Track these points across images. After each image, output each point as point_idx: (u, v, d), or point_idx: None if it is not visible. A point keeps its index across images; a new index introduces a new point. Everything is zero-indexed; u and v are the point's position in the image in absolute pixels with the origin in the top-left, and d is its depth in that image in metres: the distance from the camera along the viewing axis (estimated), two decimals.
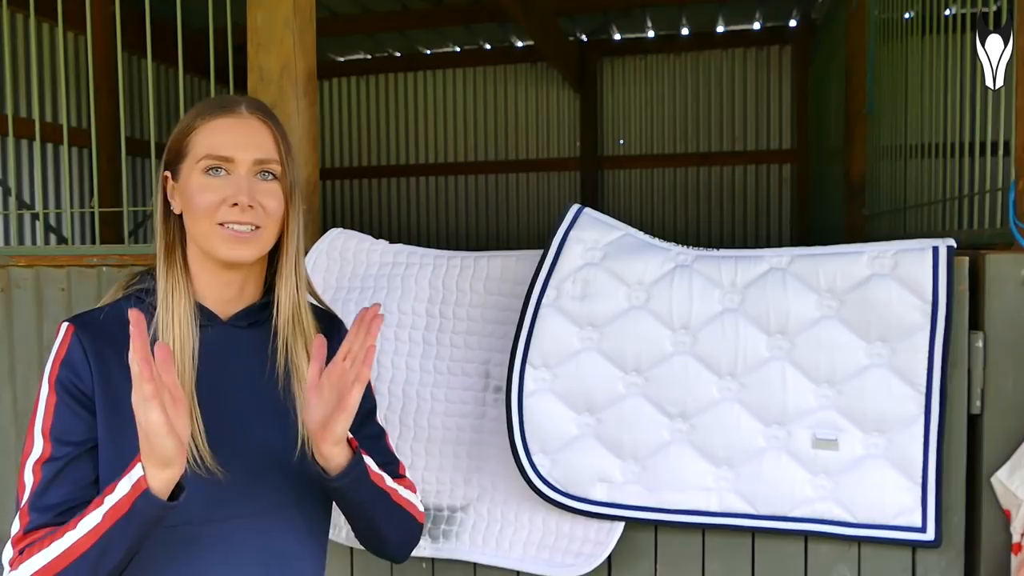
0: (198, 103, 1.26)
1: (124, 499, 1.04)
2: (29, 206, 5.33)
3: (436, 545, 1.64)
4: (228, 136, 1.20)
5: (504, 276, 1.70)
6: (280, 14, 1.99)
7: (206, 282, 1.24)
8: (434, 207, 8.31)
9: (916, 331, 1.46)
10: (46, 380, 1.18)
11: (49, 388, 1.17)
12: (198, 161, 1.20)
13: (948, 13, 2.68)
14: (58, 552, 1.06)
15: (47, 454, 1.14)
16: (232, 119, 1.22)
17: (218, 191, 1.19)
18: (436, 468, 1.66)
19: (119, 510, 1.04)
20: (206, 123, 1.21)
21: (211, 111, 1.22)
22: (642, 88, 7.74)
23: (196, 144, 1.21)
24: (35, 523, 1.12)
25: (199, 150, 1.20)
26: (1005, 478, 1.48)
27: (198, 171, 1.20)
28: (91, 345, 1.18)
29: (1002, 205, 1.83)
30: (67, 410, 1.16)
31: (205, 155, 1.20)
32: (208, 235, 1.19)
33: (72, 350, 1.17)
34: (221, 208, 1.18)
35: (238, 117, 1.22)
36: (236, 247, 1.19)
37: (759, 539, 1.59)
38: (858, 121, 4.19)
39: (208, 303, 1.25)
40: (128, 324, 1.02)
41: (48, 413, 1.16)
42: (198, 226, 1.20)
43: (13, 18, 4.92)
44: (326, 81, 8.37)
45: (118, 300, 1.25)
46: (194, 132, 1.21)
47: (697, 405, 1.53)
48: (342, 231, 1.85)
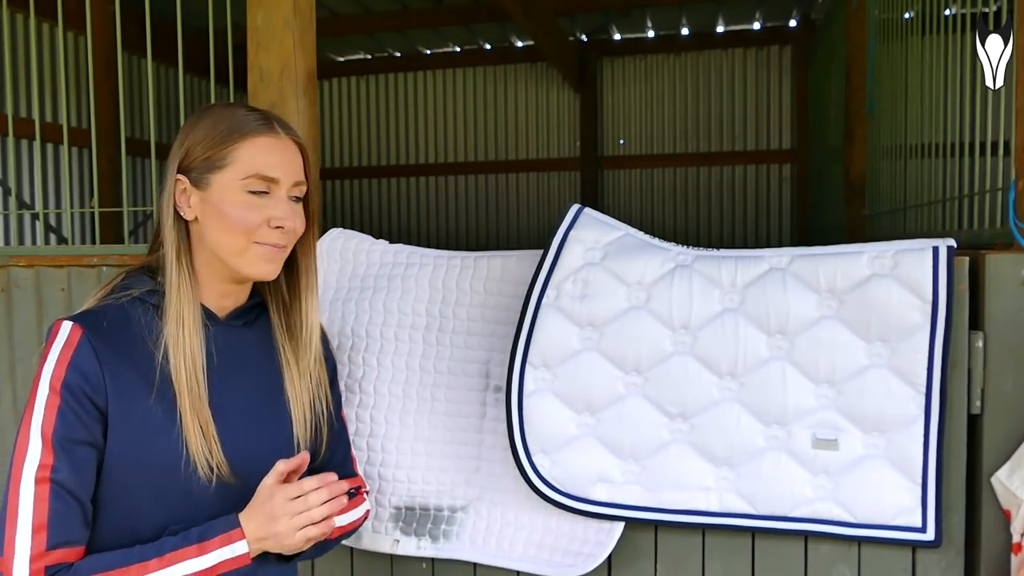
0: (222, 111, 1.22)
1: (222, 564, 1.12)
2: (29, 206, 5.33)
3: (436, 545, 1.64)
4: (275, 157, 1.21)
5: (504, 276, 1.70)
6: (280, 14, 1.98)
7: (211, 289, 1.25)
8: (434, 207, 8.32)
9: (916, 331, 1.46)
10: (46, 380, 1.12)
11: (50, 390, 1.11)
12: (244, 178, 1.19)
13: (948, 13, 2.69)
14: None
15: (50, 461, 1.09)
16: (274, 139, 1.22)
17: (261, 211, 1.20)
18: (436, 468, 1.66)
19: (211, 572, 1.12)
20: (249, 139, 1.20)
21: (253, 128, 1.21)
22: (642, 88, 7.74)
23: (240, 159, 1.19)
24: (58, 539, 1.08)
25: (245, 167, 1.19)
26: (1005, 478, 1.48)
27: (240, 188, 1.19)
28: (104, 353, 1.14)
29: (1002, 205, 1.83)
30: (73, 415, 1.11)
31: (254, 174, 1.19)
32: (242, 251, 1.20)
33: (83, 356, 1.13)
34: (263, 229, 1.19)
35: (278, 137, 1.22)
36: (267, 266, 1.22)
37: (759, 539, 1.59)
38: (858, 121, 4.19)
39: (207, 304, 1.26)
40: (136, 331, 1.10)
41: (50, 415, 1.11)
42: (231, 241, 1.19)
43: (13, 18, 4.92)
44: (326, 81, 8.37)
45: (120, 302, 1.20)
46: (235, 146, 1.20)
47: (697, 405, 1.53)
48: (342, 231, 1.86)
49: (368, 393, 1.68)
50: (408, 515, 1.66)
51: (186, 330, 1.17)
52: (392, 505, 1.66)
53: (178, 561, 1.10)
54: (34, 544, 1.06)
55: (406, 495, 1.66)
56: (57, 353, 1.13)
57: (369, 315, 1.71)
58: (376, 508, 1.67)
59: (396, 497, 1.66)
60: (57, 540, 1.08)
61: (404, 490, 1.66)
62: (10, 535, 1.07)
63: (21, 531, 1.07)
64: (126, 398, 1.15)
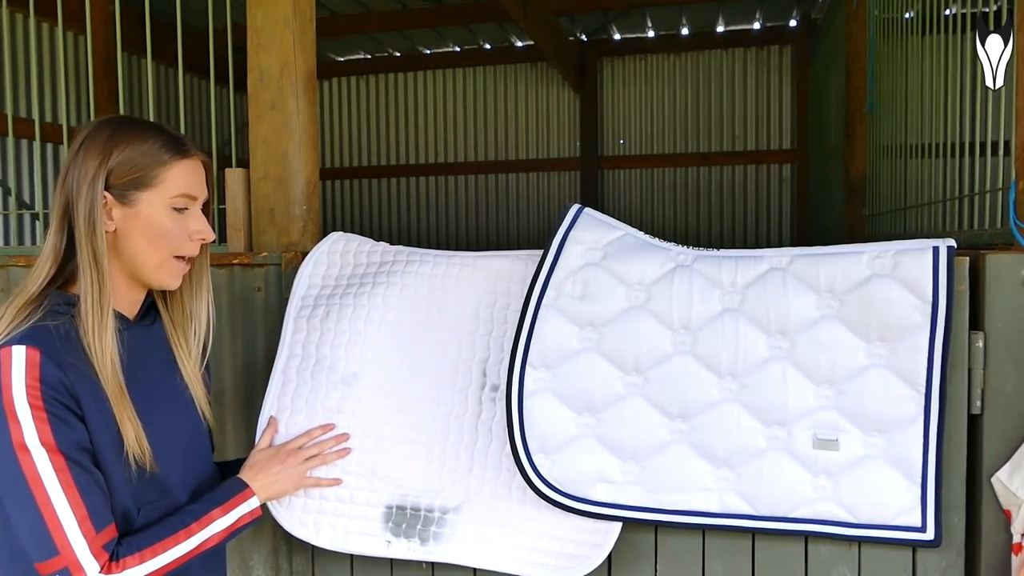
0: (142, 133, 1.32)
1: (242, 519, 1.41)
2: (29, 206, 5.33)
3: (426, 548, 1.62)
4: (196, 177, 1.36)
5: (504, 276, 1.70)
6: (280, 14, 1.98)
7: (122, 296, 1.36)
8: (434, 207, 8.31)
9: (916, 331, 1.46)
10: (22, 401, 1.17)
11: (31, 407, 1.17)
12: (172, 197, 1.32)
13: (948, 13, 2.69)
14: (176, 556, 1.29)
15: (63, 463, 1.19)
16: (194, 162, 1.36)
17: (183, 226, 1.34)
18: (428, 468, 1.65)
19: (234, 527, 1.40)
20: (177, 162, 1.33)
21: (179, 151, 1.33)
22: (642, 88, 7.74)
23: (169, 180, 1.31)
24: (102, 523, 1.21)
25: (173, 187, 1.32)
26: (1005, 478, 1.48)
27: (167, 205, 1.32)
28: (66, 368, 1.22)
29: (1002, 205, 1.83)
30: (62, 422, 1.20)
31: (181, 193, 1.33)
32: (162, 265, 1.33)
33: (51, 374, 1.20)
34: (185, 243, 1.34)
35: (196, 160, 1.37)
36: (176, 280, 1.37)
37: (759, 540, 1.59)
38: (858, 121, 4.19)
39: (119, 308, 1.36)
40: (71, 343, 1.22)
41: (42, 427, 1.18)
42: (154, 254, 1.32)
43: (13, 18, 4.92)
44: (326, 81, 8.36)
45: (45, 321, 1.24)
46: (164, 168, 1.31)
47: (697, 405, 1.53)
48: (343, 234, 1.85)
49: (363, 388, 1.67)
50: (398, 515, 1.65)
51: (104, 333, 1.26)
52: (383, 504, 1.65)
53: (211, 521, 1.36)
54: (85, 533, 1.19)
55: (397, 494, 1.65)
56: (23, 374, 1.19)
57: (367, 310, 1.70)
58: (367, 508, 1.66)
59: (387, 496, 1.65)
60: (101, 524, 1.21)
61: (395, 489, 1.65)
62: (59, 535, 1.18)
63: (69, 528, 1.18)
64: (90, 403, 1.24)
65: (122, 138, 1.30)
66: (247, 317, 1.94)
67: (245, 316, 1.94)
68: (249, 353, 1.93)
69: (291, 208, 2.01)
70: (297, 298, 1.78)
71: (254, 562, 1.90)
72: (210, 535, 1.35)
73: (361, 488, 1.65)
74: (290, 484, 1.56)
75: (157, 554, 1.27)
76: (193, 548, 1.32)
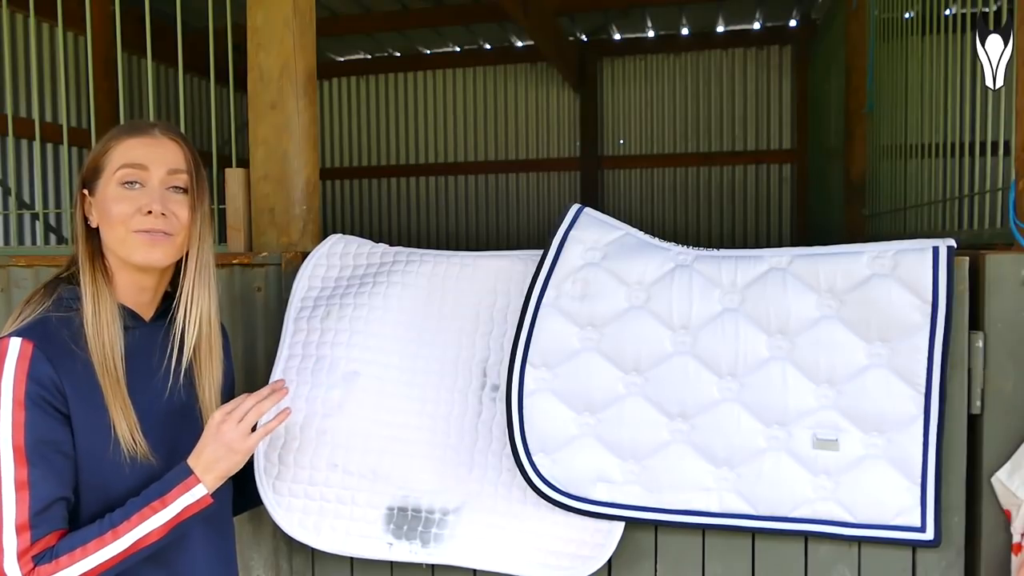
0: (115, 128, 1.36)
1: (186, 510, 1.28)
2: (29, 206, 5.33)
3: (427, 550, 1.62)
4: (143, 150, 1.34)
5: (504, 276, 1.70)
6: (280, 14, 1.98)
7: (125, 287, 1.36)
8: (434, 207, 8.31)
9: (916, 331, 1.46)
10: (8, 395, 1.20)
11: (14, 403, 1.20)
12: (115, 172, 1.32)
13: (948, 13, 2.69)
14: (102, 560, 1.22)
15: (24, 468, 1.20)
16: (147, 138, 1.35)
17: (133, 201, 1.32)
18: (428, 468, 1.65)
19: (178, 519, 1.28)
20: (121, 142, 1.34)
21: (126, 132, 1.35)
22: (642, 88, 7.74)
23: (112, 159, 1.33)
24: (42, 532, 1.20)
25: (115, 163, 1.32)
26: (1005, 478, 1.48)
27: (114, 183, 1.32)
28: (59, 362, 1.24)
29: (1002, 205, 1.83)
30: (41, 422, 1.22)
31: (121, 165, 1.32)
32: (123, 241, 1.32)
33: (39, 369, 1.22)
34: (136, 216, 1.31)
35: (152, 137, 1.35)
36: (150, 251, 1.32)
37: (759, 540, 1.59)
38: (858, 121, 4.19)
39: (128, 304, 1.37)
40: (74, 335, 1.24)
41: (19, 429, 1.20)
42: (114, 233, 1.31)
43: (13, 18, 4.92)
44: (326, 81, 8.36)
45: (55, 311, 1.29)
46: (110, 151, 1.33)
47: (697, 405, 1.53)
48: (342, 236, 1.86)
49: (363, 387, 1.67)
50: (399, 516, 1.65)
51: (101, 322, 1.29)
52: (384, 506, 1.65)
53: (144, 519, 1.26)
54: (20, 542, 1.19)
55: (398, 496, 1.64)
56: (13, 368, 1.22)
57: (367, 310, 1.70)
58: (368, 510, 1.65)
59: (388, 497, 1.64)
60: (39, 534, 1.20)
61: (396, 490, 1.64)
62: None
63: (7, 533, 1.19)
64: (83, 400, 1.26)
65: (100, 139, 1.37)
66: (247, 317, 1.94)
67: (245, 316, 1.94)
68: (249, 353, 1.93)
69: (291, 208, 2.01)
70: (297, 299, 1.78)
71: (254, 562, 1.90)
72: (148, 531, 1.26)
73: (362, 488, 1.65)
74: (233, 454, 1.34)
75: (75, 560, 1.21)
76: (127, 547, 1.25)
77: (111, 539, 1.24)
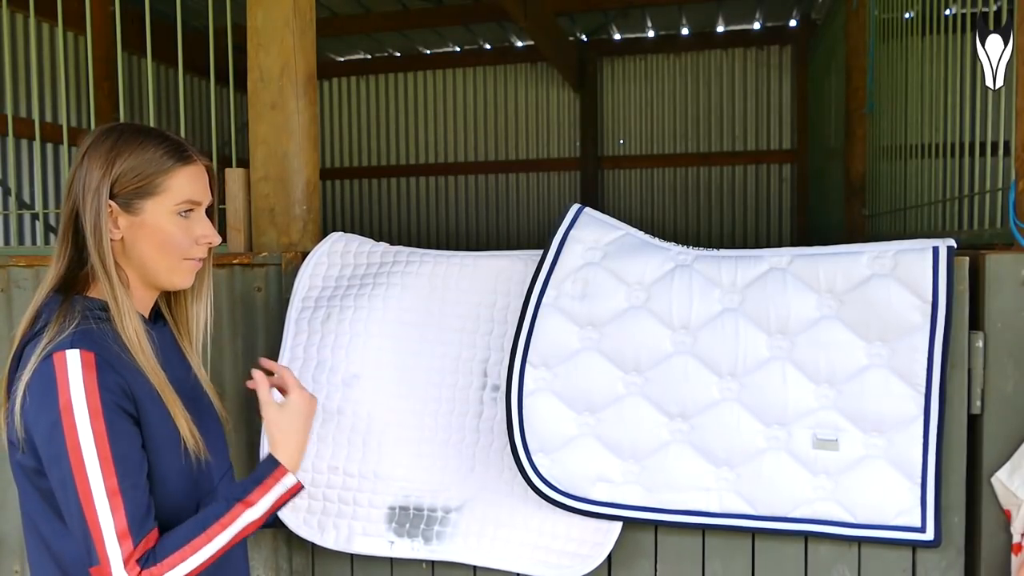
0: (144, 141, 1.34)
1: (279, 500, 1.35)
2: (29, 206, 5.33)
3: (430, 547, 1.63)
4: (200, 184, 1.37)
5: (504, 276, 1.70)
6: (280, 14, 1.98)
7: (137, 300, 1.37)
8: (434, 207, 8.31)
9: (916, 331, 1.46)
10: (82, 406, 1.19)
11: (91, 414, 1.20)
12: (177, 203, 1.33)
13: (948, 13, 2.69)
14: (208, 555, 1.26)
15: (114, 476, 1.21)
16: (197, 168, 1.37)
17: (190, 231, 1.35)
18: (430, 467, 1.65)
19: (273, 508, 1.34)
20: (179, 169, 1.34)
21: (181, 158, 1.34)
22: (642, 88, 7.74)
23: (172, 188, 1.33)
24: (141, 535, 1.22)
25: (177, 195, 1.33)
26: (1005, 478, 1.48)
27: (172, 211, 1.33)
28: (117, 366, 1.25)
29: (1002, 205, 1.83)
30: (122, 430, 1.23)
31: (185, 200, 1.34)
32: (173, 268, 1.35)
33: (108, 376, 1.23)
34: (193, 247, 1.35)
35: (198, 165, 1.38)
36: (190, 277, 1.38)
37: (759, 539, 1.59)
38: (858, 121, 4.19)
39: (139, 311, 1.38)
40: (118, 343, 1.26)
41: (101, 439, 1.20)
42: (165, 259, 1.34)
43: (13, 18, 4.92)
44: (326, 81, 8.36)
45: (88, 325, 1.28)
46: (167, 176, 1.32)
47: (697, 405, 1.53)
48: (343, 235, 1.86)
49: (364, 389, 1.67)
50: (401, 515, 1.65)
51: (141, 337, 1.30)
52: (386, 505, 1.66)
53: (241, 513, 1.30)
54: (123, 549, 1.20)
55: (400, 495, 1.65)
56: (80, 378, 1.21)
57: (367, 311, 1.70)
58: (370, 509, 1.66)
59: (390, 496, 1.65)
60: (139, 538, 1.22)
61: (398, 489, 1.65)
62: (100, 547, 1.20)
63: (109, 541, 1.20)
64: (149, 404, 1.28)
65: (125, 147, 1.31)
66: (247, 317, 1.94)
67: (245, 316, 1.94)
68: (249, 353, 1.93)
69: (291, 208, 2.01)
70: (298, 300, 1.78)
71: (254, 562, 1.90)
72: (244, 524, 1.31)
73: (364, 489, 1.66)
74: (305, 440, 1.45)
75: (185, 558, 1.24)
76: (229, 540, 1.29)
77: (217, 531, 1.28)
